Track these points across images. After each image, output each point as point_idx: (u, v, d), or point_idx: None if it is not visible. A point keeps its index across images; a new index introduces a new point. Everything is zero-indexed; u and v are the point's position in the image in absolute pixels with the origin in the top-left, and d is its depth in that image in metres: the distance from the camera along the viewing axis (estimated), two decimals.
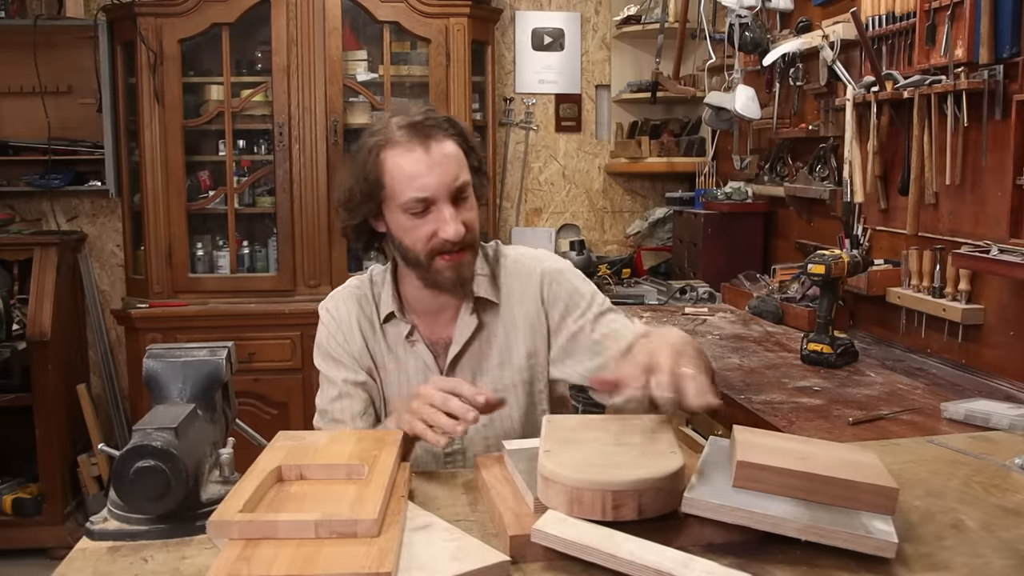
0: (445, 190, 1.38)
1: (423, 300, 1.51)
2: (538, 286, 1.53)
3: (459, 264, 1.42)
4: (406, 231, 1.41)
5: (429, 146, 1.38)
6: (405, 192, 1.38)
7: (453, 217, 1.38)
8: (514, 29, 4.18)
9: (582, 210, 4.35)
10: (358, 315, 1.54)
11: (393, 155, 1.39)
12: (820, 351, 2.30)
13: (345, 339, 1.53)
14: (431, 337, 1.53)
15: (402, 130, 1.39)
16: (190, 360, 1.14)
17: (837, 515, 0.98)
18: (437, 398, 1.20)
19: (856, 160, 2.62)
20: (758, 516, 0.96)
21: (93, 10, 3.75)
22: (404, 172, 1.38)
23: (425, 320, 1.53)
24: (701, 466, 1.07)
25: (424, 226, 1.39)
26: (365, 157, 1.41)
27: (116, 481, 1.00)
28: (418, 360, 1.51)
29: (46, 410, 3.39)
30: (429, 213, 1.39)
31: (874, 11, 2.53)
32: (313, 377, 3.45)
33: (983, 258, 2.01)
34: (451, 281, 1.43)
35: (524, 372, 1.53)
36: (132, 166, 3.68)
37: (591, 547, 0.92)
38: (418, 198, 1.37)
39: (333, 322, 1.55)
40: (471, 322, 1.50)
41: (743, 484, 1.01)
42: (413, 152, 1.38)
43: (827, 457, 1.07)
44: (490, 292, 1.51)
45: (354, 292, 1.56)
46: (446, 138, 1.40)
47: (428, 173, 1.37)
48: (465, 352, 1.51)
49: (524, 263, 1.55)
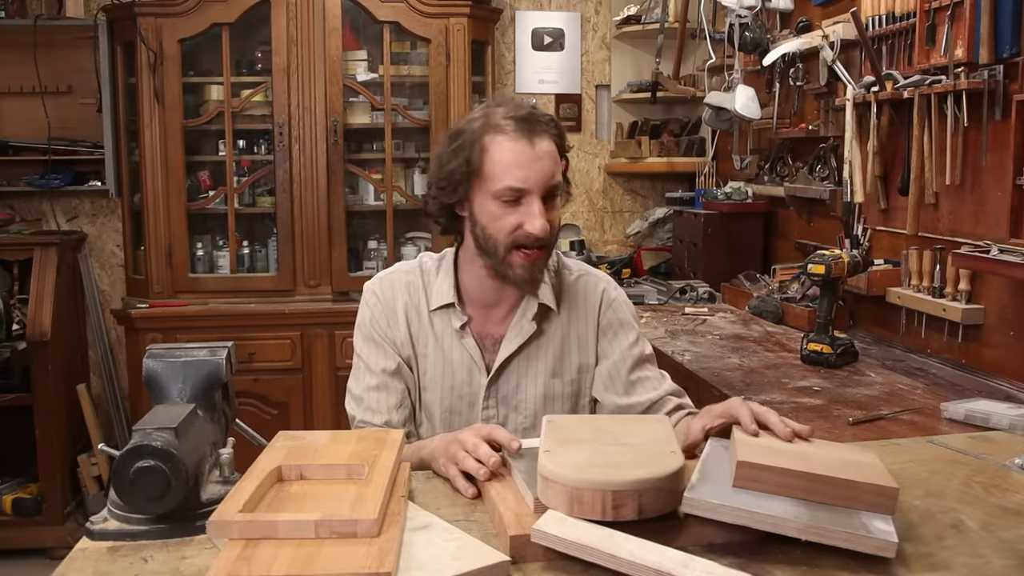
0: (541, 186, 1.40)
1: (483, 291, 1.51)
2: (597, 306, 1.57)
3: (534, 263, 1.43)
4: (493, 218, 1.41)
5: (534, 140, 1.40)
6: (503, 180, 1.39)
7: (542, 213, 1.40)
8: (514, 29, 4.18)
9: (582, 210, 4.35)
10: (406, 301, 1.54)
11: (498, 142, 1.40)
12: (820, 351, 2.30)
13: (389, 324, 1.53)
14: (481, 331, 1.53)
15: (508, 120, 1.41)
16: (190, 360, 1.14)
17: (837, 515, 0.98)
18: (470, 443, 1.21)
19: (856, 160, 2.62)
20: (758, 516, 0.96)
21: (93, 10, 3.75)
22: (506, 160, 1.39)
23: (479, 313, 1.53)
24: (701, 466, 1.07)
25: (511, 217, 1.40)
26: (469, 139, 1.41)
27: (116, 481, 1.00)
28: (464, 353, 1.52)
29: (46, 410, 3.39)
30: (519, 205, 1.40)
31: (874, 11, 2.53)
32: (313, 377, 3.51)
33: (983, 258, 2.01)
34: (523, 279, 1.44)
35: (573, 384, 1.55)
36: (132, 166, 3.68)
37: (591, 547, 0.92)
38: (514, 187, 1.39)
39: (379, 304, 1.54)
40: (529, 327, 1.51)
41: (743, 484, 1.01)
42: (518, 143, 1.39)
43: (827, 457, 1.07)
44: (551, 300, 1.53)
45: (403, 278, 1.56)
46: (548, 137, 1.42)
47: (529, 166, 1.39)
48: (517, 355, 1.52)
49: (588, 279, 1.59)
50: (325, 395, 3.54)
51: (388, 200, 3.71)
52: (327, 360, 3.52)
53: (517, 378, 1.52)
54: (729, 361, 2.38)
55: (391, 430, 1.25)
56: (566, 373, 1.54)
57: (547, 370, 1.53)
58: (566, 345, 1.55)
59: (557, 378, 1.54)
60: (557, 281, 1.57)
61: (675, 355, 2.44)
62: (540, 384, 1.52)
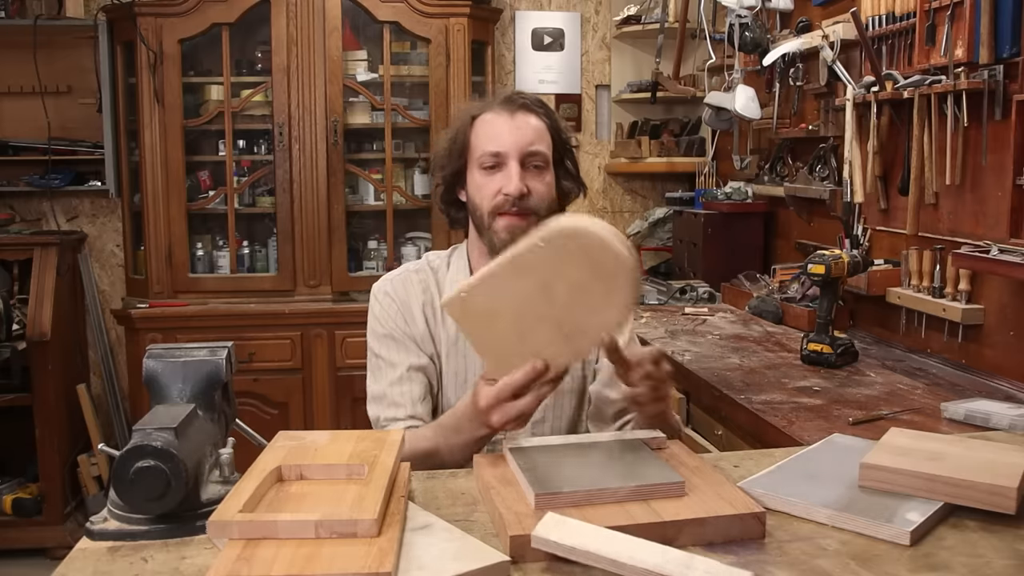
0: (517, 149, 1.46)
1: None
2: None
3: (515, 227, 1.44)
4: (478, 188, 1.49)
5: (514, 112, 1.49)
6: (481, 148, 1.48)
7: (518, 175, 1.45)
8: (514, 29, 4.18)
9: (582, 210, 4.34)
10: (421, 299, 1.55)
11: (482, 119, 1.51)
12: (820, 351, 2.30)
13: (407, 322, 1.54)
14: None
15: (498, 102, 1.51)
16: (190, 360, 1.14)
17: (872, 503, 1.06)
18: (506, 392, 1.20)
19: (856, 160, 2.62)
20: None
21: (93, 10, 3.75)
22: (487, 131, 1.49)
23: None
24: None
25: (492, 183, 1.47)
26: (460, 124, 1.52)
27: (116, 481, 1.00)
28: None
29: (46, 410, 3.39)
30: (498, 170, 1.47)
31: (874, 11, 2.53)
32: (314, 377, 3.51)
33: (983, 258, 2.01)
34: (505, 243, 1.43)
35: (578, 381, 1.56)
36: (132, 166, 3.68)
37: (592, 552, 0.91)
38: (491, 151, 1.46)
39: (394, 304, 1.55)
40: None
41: (868, 484, 1.11)
42: (499, 116, 1.49)
43: (965, 457, 1.13)
44: None
45: (414, 276, 1.58)
46: (532, 112, 1.50)
47: (507, 133, 1.47)
48: None
49: None
50: (325, 395, 3.54)
51: (388, 200, 3.71)
52: (327, 360, 3.52)
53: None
54: (729, 361, 2.38)
55: (391, 430, 1.25)
56: (573, 368, 1.55)
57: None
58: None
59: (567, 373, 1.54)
60: None
61: (675, 355, 2.44)
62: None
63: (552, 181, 1.51)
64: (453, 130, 1.54)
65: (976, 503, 1.05)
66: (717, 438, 2.22)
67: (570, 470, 1.11)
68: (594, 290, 1.12)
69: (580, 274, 1.11)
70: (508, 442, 1.23)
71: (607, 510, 1.01)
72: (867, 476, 1.11)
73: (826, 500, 1.06)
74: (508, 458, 1.17)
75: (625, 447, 1.20)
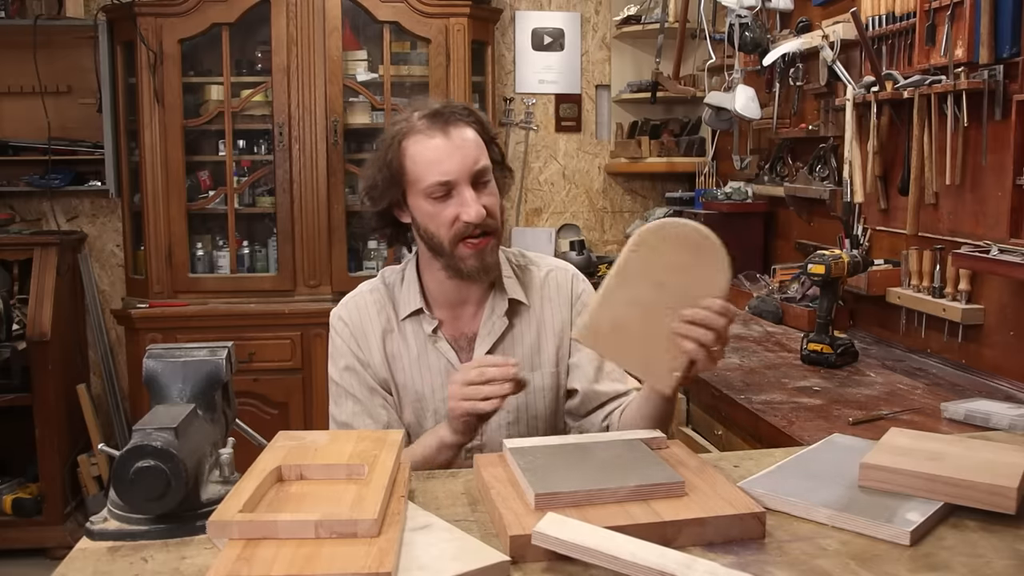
0: (466, 173, 1.41)
1: (446, 292, 1.52)
2: (569, 297, 1.58)
3: (482, 251, 1.44)
4: (430, 217, 1.43)
5: (449, 132, 1.42)
6: (427, 177, 1.41)
7: (474, 200, 1.41)
8: (514, 29, 4.18)
9: (582, 210, 4.35)
10: (376, 321, 1.54)
11: (414, 142, 1.42)
12: (820, 351, 2.30)
13: (360, 347, 1.54)
14: (454, 333, 1.54)
15: (423, 119, 1.43)
16: (190, 360, 1.14)
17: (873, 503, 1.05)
18: (472, 374, 1.25)
19: (856, 160, 2.62)
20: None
21: (93, 10, 3.75)
22: (425, 157, 1.41)
23: (448, 315, 1.54)
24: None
25: (446, 211, 1.42)
26: (387, 146, 1.45)
27: (116, 481, 1.00)
28: (440, 358, 1.52)
29: (46, 410, 3.39)
30: (451, 198, 1.42)
31: (874, 11, 2.53)
32: (314, 377, 3.50)
33: (983, 258, 2.01)
34: (475, 268, 1.45)
35: (552, 377, 1.55)
36: (132, 166, 3.68)
37: (592, 549, 0.92)
38: (440, 182, 1.40)
39: (347, 329, 1.55)
40: (500, 323, 1.52)
41: (868, 484, 1.11)
42: (433, 138, 1.41)
43: (965, 457, 1.14)
44: (520, 294, 1.54)
45: (368, 297, 1.56)
46: (465, 125, 1.44)
47: (448, 158, 1.40)
48: (492, 352, 1.52)
49: (557, 273, 1.60)
50: (325, 395, 3.47)
51: None
52: (327, 360, 3.52)
53: None
54: (729, 361, 2.38)
55: (391, 430, 1.26)
56: (545, 365, 1.55)
57: (525, 364, 1.52)
58: (542, 338, 1.55)
59: (536, 371, 1.54)
60: (525, 277, 1.57)
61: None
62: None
63: (496, 188, 1.48)
64: (380, 156, 1.46)
65: (976, 503, 1.05)
66: (717, 438, 2.22)
67: (570, 470, 1.11)
68: (697, 266, 1.25)
69: (680, 258, 1.24)
70: (508, 441, 1.23)
71: (607, 510, 1.01)
72: (867, 476, 1.12)
73: (826, 500, 1.07)
74: (508, 458, 1.17)
75: (625, 447, 1.20)
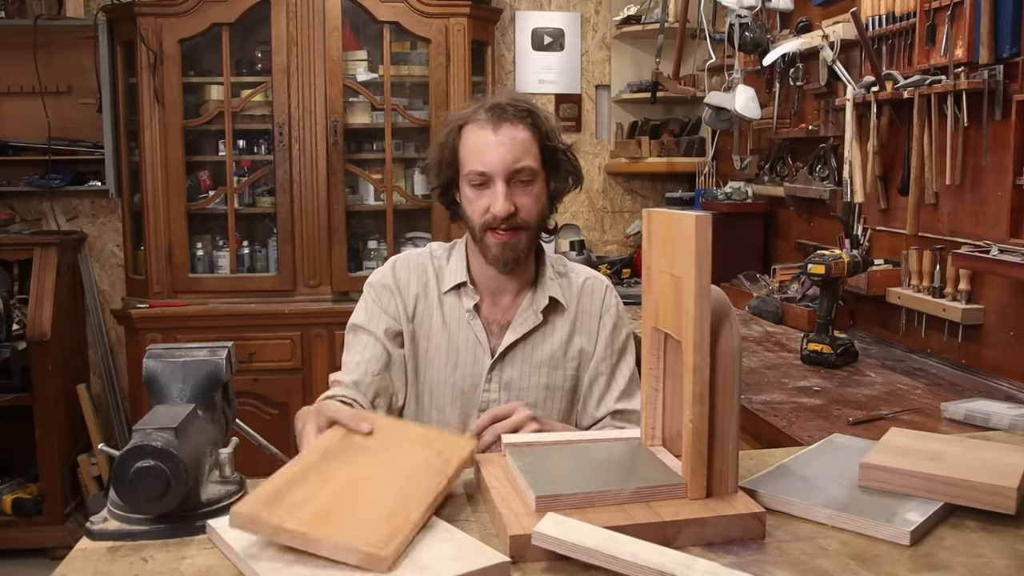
0: (503, 169, 1.47)
1: (486, 277, 1.59)
2: (600, 306, 1.63)
3: (506, 243, 1.50)
4: (468, 202, 1.53)
5: (500, 127, 1.48)
6: (469, 164, 1.50)
7: (505, 195, 1.47)
8: (514, 29, 4.18)
9: (582, 210, 4.35)
10: (412, 283, 1.61)
11: (469, 130, 1.51)
12: (820, 351, 2.30)
13: (393, 296, 1.60)
14: (489, 316, 1.60)
15: (484, 111, 1.50)
16: (190, 360, 1.14)
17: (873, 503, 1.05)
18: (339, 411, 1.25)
19: (856, 160, 2.62)
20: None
21: (93, 10, 3.75)
22: (473, 146, 1.50)
23: (487, 298, 1.60)
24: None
25: (481, 200, 1.50)
26: (450, 129, 1.54)
27: (116, 481, 1.00)
28: (471, 334, 1.57)
29: (46, 410, 3.39)
30: (487, 188, 1.49)
31: (874, 11, 2.53)
32: (314, 377, 3.50)
33: (983, 258, 2.01)
34: (496, 258, 1.52)
35: (571, 380, 1.61)
36: (132, 166, 3.68)
37: (592, 549, 0.91)
38: (478, 171, 1.49)
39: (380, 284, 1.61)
40: (535, 318, 1.58)
41: (868, 484, 1.11)
42: (484, 130, 1.49)
43: (965, 457, 1.14)
44: (559, 294, 1.60)
45: (415, 259, 1.63)
46: (520, 124, 1.49)
47: (490, 151, 1.48)
48: (522, 343, 1.57)
49: (594, 282, 1.66)
50: None
51: (388, 200, 3.71)
52: (327, 360, 3.52)
53: (520, 365, 1.57)
54: None
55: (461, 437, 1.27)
56: (568, 367, 1.60)
57: (550, 361, 1.58)
58: (571, 339, 1.61)
59: (559, 370, 1.59)
60: (565, 282, 1.63)
61: None
62: (543, 374, 1.58)
63: (541, 191, 1.53)
64: (443, 136, 1.55)
65: (976, 503, 1.05)
66: None
67: (570, 471, 1.11)
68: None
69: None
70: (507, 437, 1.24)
71: (607, 510, 1.01)
72: (867, 476, 1.12)
73: (826, 500, 1.07)
74: (508, 458, 1.17)
75: (625, 447, 1.20)
